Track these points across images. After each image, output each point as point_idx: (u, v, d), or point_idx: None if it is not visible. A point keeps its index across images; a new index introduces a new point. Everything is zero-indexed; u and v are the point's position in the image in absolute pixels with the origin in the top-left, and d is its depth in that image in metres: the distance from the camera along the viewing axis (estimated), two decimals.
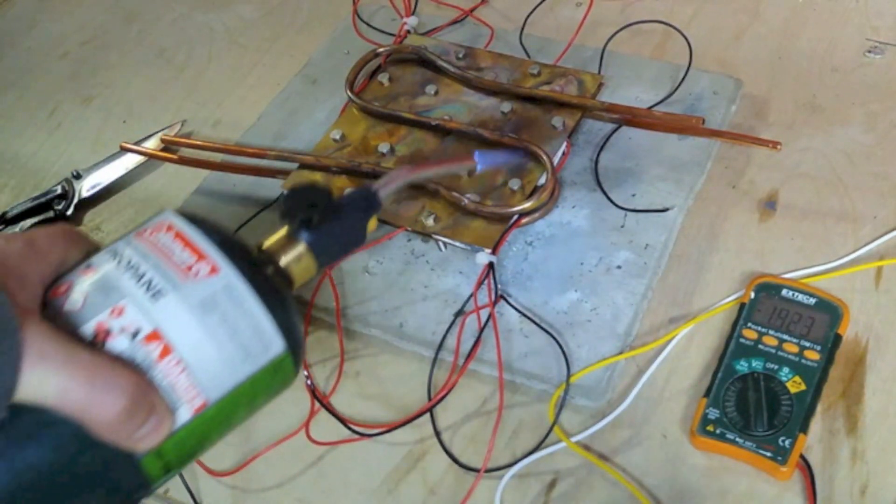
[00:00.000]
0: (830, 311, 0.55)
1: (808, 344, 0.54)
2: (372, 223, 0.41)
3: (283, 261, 0.38)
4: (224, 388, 0.34)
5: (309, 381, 0.57)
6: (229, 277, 0.34)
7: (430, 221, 0.61)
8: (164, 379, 0.33)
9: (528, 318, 0.57)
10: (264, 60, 0.81)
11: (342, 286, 0.61)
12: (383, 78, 0.71)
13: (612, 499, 0.51)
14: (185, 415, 0.34)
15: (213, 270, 0.34)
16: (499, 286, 0.59)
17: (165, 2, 0.89)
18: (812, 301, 0.55)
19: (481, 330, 0.57)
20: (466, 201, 0.61)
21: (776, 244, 0.60)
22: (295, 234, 0.38)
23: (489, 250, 0.59)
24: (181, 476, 0.55)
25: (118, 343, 0.33)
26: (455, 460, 0.54)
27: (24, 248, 0.34)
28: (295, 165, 0.67)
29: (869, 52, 0.71)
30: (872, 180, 0.63)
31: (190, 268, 0.34)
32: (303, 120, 0.73)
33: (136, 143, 0.74)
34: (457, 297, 0.59)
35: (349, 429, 0.55)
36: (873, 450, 0.51)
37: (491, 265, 0.59)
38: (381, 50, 0.73)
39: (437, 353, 0.57)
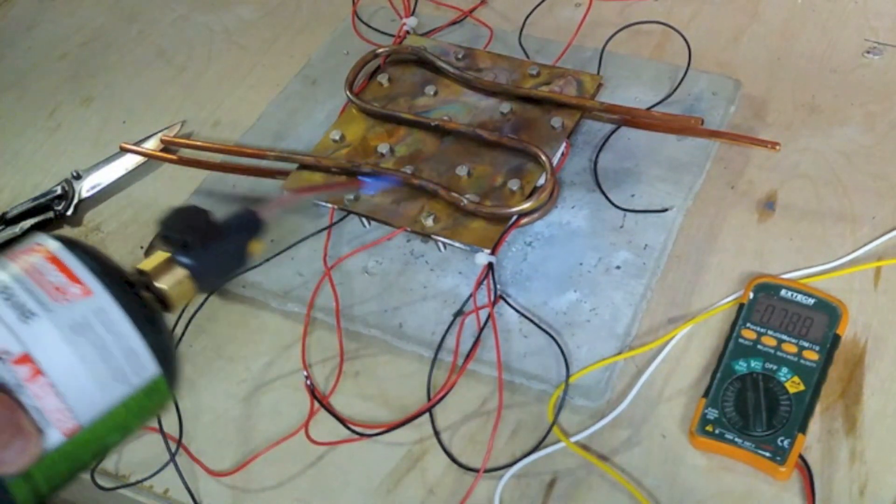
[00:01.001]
0: (829, 311, 0.55)
1: (806, 344, 0.54)
2: (257, 246, 0.40)
3: (161, 284, 0.38)
4: (96, 411, 0.34)
5: (308, 382, 0.57)
6: (102, 300, 0.34)
7: (429, 222, 0.61)
8: (33, 401, 0.32)
9: (528, 319, 0.57)
10: (264, 61, 0.81)
11: (342, 286, 0.61)
12: (383, 78, 0.71)
13: (612, 499, 0.51)
14: (55, 438, 0.33)
15: (86, 293, 0.34)
16: (498, 286, 0.59)
17: (165, 3, 0.90)
18: (811, 301, 0.55)
19: (480, 330, 0.57)
20: (466, 202, 0.61)
21: (775, 244, 0.60)
22: (173, 258, 0.38)
23: (488, 251, 0.59)
24: (181, 476, 0.55)
25: None
26: (454, 460, 0.54)
27: None
28: (294, 166, 0.67)
29: (868, 52, 0.71)
30: (871, 181, 0.63)
31: (62, 290, 0.34)
32: (302, 120, 0.73)
33: (136, 144, 0.74)
34: (456, 298, 0.60)
35: (349, 429, 0.55)
36: (872, 450, 0.51)
37: (490, 265, 0.59)
38: (380, 51, 0.73)
39: (436, 354, 0.57)
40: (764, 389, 0.52)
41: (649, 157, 0.65)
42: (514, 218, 0.61)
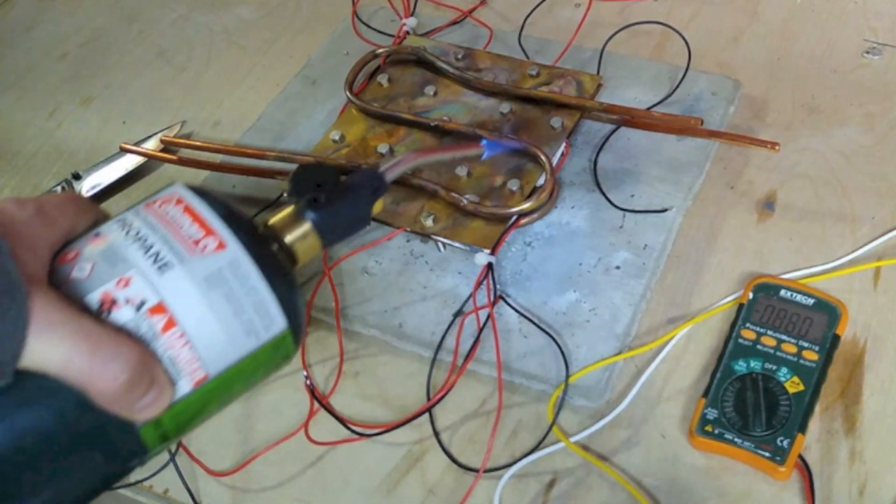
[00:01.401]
0: (829, 311, 0.55)
1: (806, 344, 0.54)
2: (378, 205, 0.41)
3: (289, 239, 0.38)
4: (225, 363, 0.35)
5: (308, 382, 0.57)
6: (236, 254, 0.34)
7: (429, 222, 0.61)
8: (166, 351, 0.33)
9: (527, 319, 0.57)
10: (264, 61, 0.82)
11: (341, 286, 0.61)
12: (382, 79, 0.71)
13: (611, 499, 0.51)
14: (185, 387, 0.34)
15: (220, 246, 0.34)
16: (498, 286, 0.59)
17: (165, 3, 0.90)
18: (810, 301, 0.55)
19: (480, 330, 0.57)
20: (465, 202, 0.61)
21: (774, 245, 0.60)
22: (301, 213, 0.38)
23: (488, 251, 0.59)
24: (181, 476, 0.55)
25: (123, 313, 0.33)
26: (454, 460, 0.54)
27: (34, 213, 0.34)
28: (294, 166, 0.66)
29: (867, 52, 0.71)
30: (871, 181, 0.63)
31: (197, 242, 0.34)
32: (302, 121, 0.73)
33: (136, 144, 0.74)
34: (456, 298, 0.60)
35: (348, 429, 0.55)
36: (871, 450, 0.51)
37: (490, 265, 0.59)
38: (380, 51, 0.73)
39: (436, 354, 0.57)
40: (763, 389, 0.52)
41: (649, 158, 0.65)
42: (514, 218, 0.61)
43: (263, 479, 0.55)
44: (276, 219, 0.38)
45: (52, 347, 0.31)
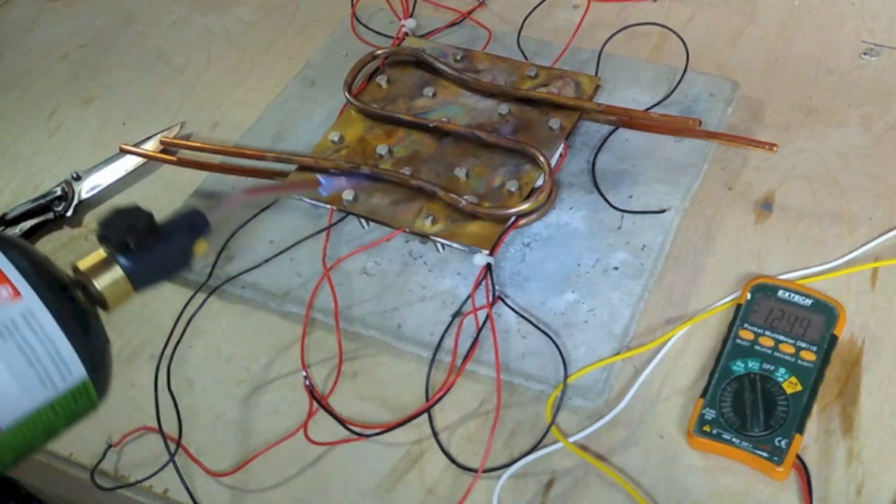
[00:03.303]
0: (826, 311, 0.55)
1: (804, 345, 0.54)
2: (201, 246, 0.40)
3: (98, 284, 0.37)
4: (19, 414, 0.34)
5: (307, 382, 0.57)
6: (31, 303, 0.34)
7: (427, 223, 0.61)
8: None
9: (526, 319, 0.58)
10: (263, 62, 0.82)
11: (340, 287, 0.61)
12: (381, 80, 0.72)
13: (609, 499, 0.52)
14: None
15: (15, 295, 0.34)
16: (496, 287, 0.59)
17: (164, 4, 0.90)
18: (808, 302, 0.56)
19: (479, 331, 0.57)
20: (464, 203, 0.61)
21: (772, 245, 0.61)
22: (111, 259, 0.38)
23: (487, 251, 0.59)
24: (180, 476, 0.55)
25: None
26: (453, 460, 0.54)
27: None
28: (293, 167, 0.67)
29: (864, 54, 0.71)
30: (868, 182, 0.63)
31: None
32: (301, 122, 0.73)
33: (136, 145, 0.74)
34: (454, 298, 0.60)
35: (347, 429, 0.55)
36: (869, 450, 0.51)
37: (488, 266, 0.59)
38: (379, 52, 0.73)
39: (434, 354, 0.57)
40: (761, 390, 0.53)
41: (647, 159, 0.65)
42: (513, 219, 0.61)
43: (263, 480, 0.55)
44: (85, 264, 0.38)
45: None
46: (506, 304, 0.59)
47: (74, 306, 0.36)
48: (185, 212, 0.40)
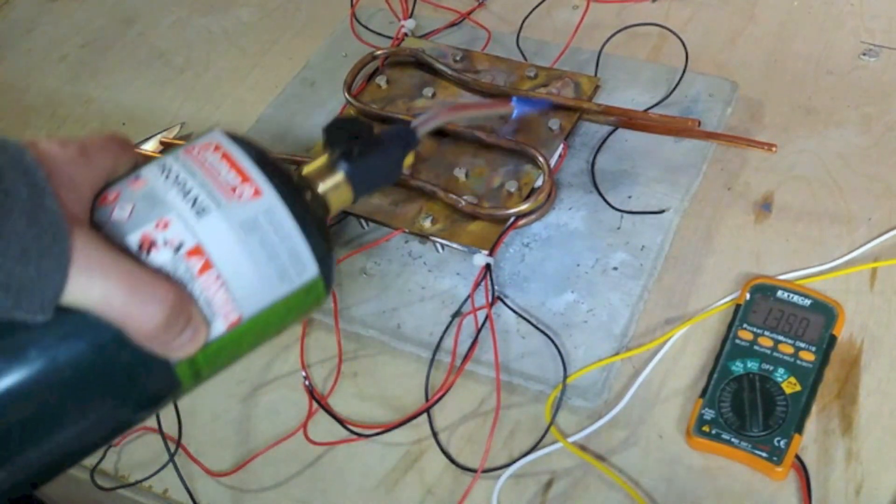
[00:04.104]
0: (825, 312, 0.55)
1: (803, 345, 0.54)
2: (408, 159, 0.42)
3: (322, 188, 0.39)
4: (258, 306, 0.36)
5: (307, 382, 0.57)
6: (271, 201, 0.35)
7: (427, 223, 0.61)
8: (202, 293, 0.34)
9: (525, 320, 0.58)
10: (263, 63, 0.82)
11: (340, 287, 0.61)
12: (381, 80, 0.72)
13: (609, 499, 0.52)
14: (219, 328, 0.35)
15: (257, 193, 0.35)
16: (496, 287, 0.59)
17: (164, 5, 0.90)
18: (807, 302, 0.56)
19: (478, 331, 0.57)
20: (464, 203, 0.61)
21: (771, 246, 0.61)
22: (334, 164, 0.39)
23: (486, 252, 0.59)
24: (180, 476, 0.55)
25: (161, 255, 0.34)
26: (452, 460, 0.54)
27: (76, 154, 0.35)
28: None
29: (863, 54, 0.71)
30: (867, 182, 0.63)
31: (234, 189, 0.35)
32: (301, 122, 0.73)
33: (136, 146, 0.74)
34: (454, 299, 0.60)
35: (347, 429, 0.55)
36: (868, 450, 0.51)
37: (488, 267, 0.59)
38: (378, 52, 0.73)
39: (434, 354, 0.57)
40: (760, 390, 0.53)
41: (646, 159, 0.65)
42: (512, 219, 0.61)
43: (262, 480, 0.55)
44: (310, 169, 0.40)
45: (92, 286, 0.32)
46: (505, 304, 0.59)
47: (307, 207, 0.37)
48: (398, 127, 0.42)
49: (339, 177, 0.39)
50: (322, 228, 0.38)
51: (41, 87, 0.85)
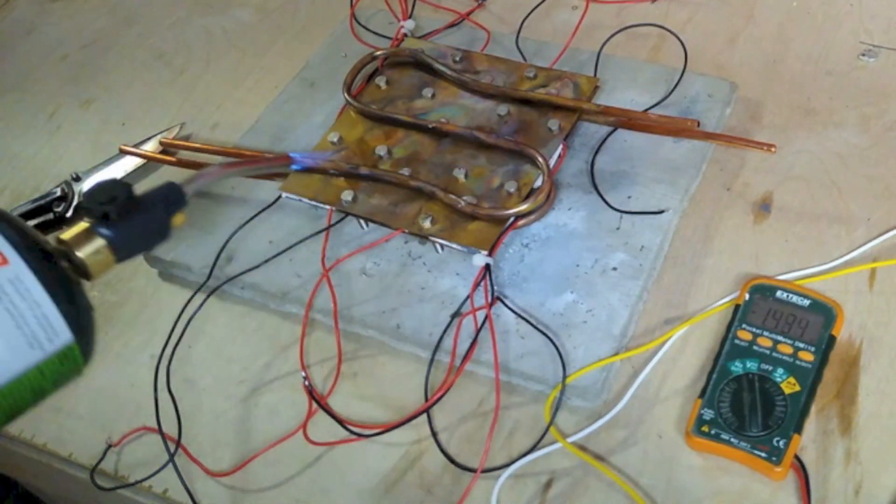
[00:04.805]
0: (824, 312, 0.55)
1: (802, 345, 0.54)
2: (178, 218, 0.42)
3: (81, 254, 0.39)
4: (9, 375, 0.36)
5: (307, 382, 0.57)
6: (18, 269, 0.35)
7: (426, 223, 0.61)
8: None
9: (525, 320, 0.58)
10: (262, 63, 0.82)
11: (339, 288, 0.61)
12: (380, 81, 0.72)
13: (608, 499, 0.52)
14: None
15: (2, 262, 0.35)
16: (495, 288, 0.59)
17: (164, 5, 0.90)
18: (806, 302, 0.56)
19: (478, 331, 0.57)
20: (463, 203, 0.61)
21: (770, 246, 0.61)
22: (93, 229, 0.39)
23: (486, 252, 0.59)
24: (180, 476, 0.55)
25: None
26: (452, 460, 0.54)
27: None
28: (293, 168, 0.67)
29: (863, 55, 0.71)
30: (866, 182, 0.63)
31: None
32: (300, 123, 0.73)
33: (136, 146, 0.74)
34: (453, 299, 0.60)
35: (347, 429, 0.55)
36: (867, 450, 0.51)
37: (487, 267, 0.59)
38: (378, 53, 0.73)
39: (433, 355, 0.57)
40: (760, 390, 0.53)
41: (646, 159, 0.65)
42: (512, 220, 0.61)
43: (262, 480, 0.56)
44: (68, 235, 0.39)
45: None
46: (505, 304, 0.59)
47: (59, 273, 0.38)
48: (163, 186, 0.42)
49: (98, 242, 0.39)
50: (77, 294, 0.38)
51: (41, 87, 0.85)
